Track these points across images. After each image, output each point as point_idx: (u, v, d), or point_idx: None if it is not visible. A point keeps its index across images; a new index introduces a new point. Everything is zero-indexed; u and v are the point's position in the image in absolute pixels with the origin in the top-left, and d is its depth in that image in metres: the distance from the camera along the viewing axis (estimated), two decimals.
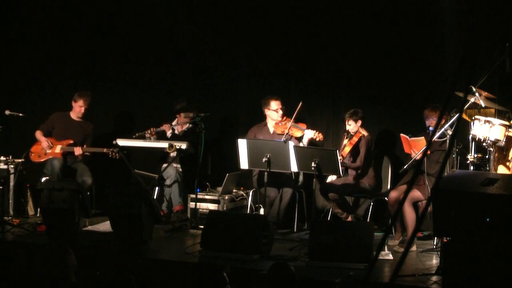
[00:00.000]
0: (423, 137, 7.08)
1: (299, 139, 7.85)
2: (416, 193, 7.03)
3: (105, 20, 9.11)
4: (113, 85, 9.23)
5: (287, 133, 7.70)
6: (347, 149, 7.54)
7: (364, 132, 7.60)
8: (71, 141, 8.24)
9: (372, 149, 7.70)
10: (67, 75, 9.22)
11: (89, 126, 8.45)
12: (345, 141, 7.59)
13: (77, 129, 8.36)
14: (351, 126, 7.58)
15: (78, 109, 8.36)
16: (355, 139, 7.54)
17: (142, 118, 8.94)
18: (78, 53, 9.20)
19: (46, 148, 8.22)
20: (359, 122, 7.58)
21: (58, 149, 8.24)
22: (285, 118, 8.03)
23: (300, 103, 7.64)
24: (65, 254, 4.24)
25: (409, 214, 7.00)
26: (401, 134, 7.27)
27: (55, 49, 9.24)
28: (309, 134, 7.79)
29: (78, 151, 8.12)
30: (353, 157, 7.60)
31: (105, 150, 7.98)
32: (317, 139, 7.76)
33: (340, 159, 7.34)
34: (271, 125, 8.10)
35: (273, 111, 8.00)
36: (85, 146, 8.21)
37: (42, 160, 8.24)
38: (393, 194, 7.19)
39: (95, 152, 8.20)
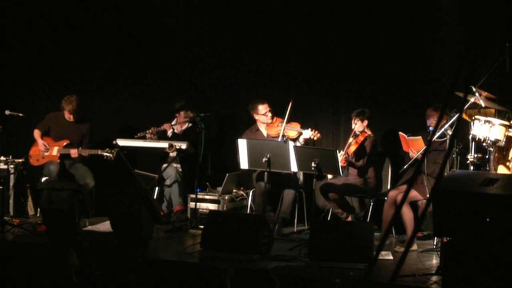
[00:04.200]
0: (420, 137, 7.09)
1: (295, 140, 7.85)
2: (413, 193, 7.04)
3: (104, 20, 9.11)
4: (112, 85, 9.23)
5: (282, 135, 7.69)
6: (353, 148, 7.54)
7: (369, 133, 7.61)
8: (68, 141, 8.22)
9: (377, 150, 7.73)
10: (67, 75, 9.23)
11: (86, 125, 8.39)
12: (351, 140, 7.57)
13: (73, 129, 8.32)
14: (357, 125, 7.58)
15: (67, 116, 8.31)
16: (361, 138, 7.54)
17: (142, 118, 8.93)
18: (78, 53, 9.20)
19: (43, 151, 8.21)
20: (365, 122, 7.59)
21: (55, 151, 8.22)
22: (275, 119, 8.03)
23: (290, 103, 7.66)
24: (67, 254, 4.24)
25: (407, 214, 7.01)
26: (400, 133, 7.28)
27: (55, 49, 9.24)
28: (306, 134, 7.78)
29: (74, 154, 8.10)
30: (357, 156, 7.60)
31: (99, 151, 7.96)
32: (315, 138, 7.76)
33: (343, 157, 7.37)
34: (263, 128, 8.11)
35: (262, 115, 8.02)
36: (80, 148, 8.17)
37: (40, 163, 8.23)
38: (392, 194, 7.19)
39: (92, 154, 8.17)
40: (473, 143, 6.74)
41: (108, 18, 9.11)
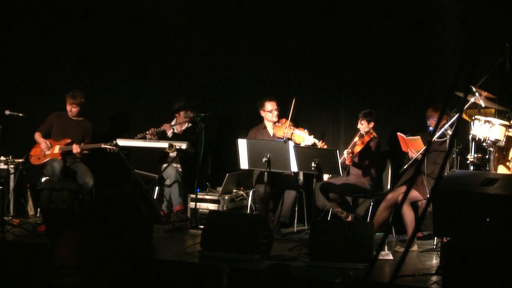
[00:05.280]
0: (419, 137, 7.09)
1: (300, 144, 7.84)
2: (413, 193, 7.04)
3: (105, 21, 9.11)
4: (112, 85, 9.22)
5: (288, 138, 7.69)
6: (358, 148, 7.53)
7: (375, 134, 7.60)
8: (69, 140, 8.23)
9: (380, 151, 7.73)
10: (67, 75, 9.22)
11: (88, 125, 8.42)
12: (356, 139, 7.55)
13: (76, 127, 8.34)
14: (363, 126, 7.57)
15: (69, 110, 8.35)
16: (366, 138, 7.54)
17: (142, 118, 8.94)
18: (78, 53, 9.20)
19: (45, 150, 8.21)
20: (372, 124, 7.59)
21: (56, 149, 8.23)
22: (284, 120, 8.02)
23: (293, 100, 7.65)
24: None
25: (408, 214, 7.00)
26: (398, 133, 7.29)
27: (55, 49, 9.24)
28: (308, 141, 7.76)
29: (76, 149, 8.10)
30: (360, 157, 7.59)
31: (102, 145, 7.96)
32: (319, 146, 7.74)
33: (349, 156, 7.37)
34: (270, 127, 8.11)
35: (268, 112, 8.02)
36: (82, 144, 8.19)
37: (42, 162, 8.23)
38: (390, 196, 7.18)
39: (94, 149, 8.18)
40: (473, 143, 6.74)
41: (108, 18, 9.10)
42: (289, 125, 7.89)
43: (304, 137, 7.81)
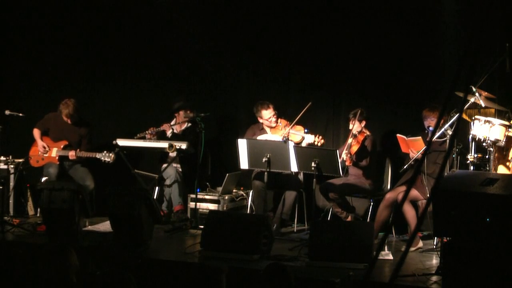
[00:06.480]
0: (420, 137, 7.09)
1: (298, 143, 7.82)
2: (413, 192, 7.04)
3: (105, 21, 9.11)
4: (112, 85, 9.23)
5: (287, 138, 7.68)
6: (355, 148, 7.51)
7: (368, 132, 7.60)
8: (66, 143, 8.22)
9: (376, 149, 7.72)
10: (67, 75, 9.22)
11: (84, 130, 8.32)
12: (351, 140, 7.52)
13: (72, 130, 8.29)
14: (355, 126, 7.55)
15: (66, 120, 8.27)
16: (360, 137, 7.53)
17: (142, 118, 8.93)
18: (78, 54, 9.20)
19: (42, 153, 8.21)
20: (363, 123, 7.58)
21: (54, 152, 8.21)
22: (280, 120, 8.01)
23: (309, 104, 7.62)
24: (67, 254, 4.24)
25: (409, 211, 7.01)
26: (398, 135, 7.29)
27: (55, 49, 9.24)
28: (309, 139, 7.76)
29: (72, 156, 8.09)
30: (358, 156, 7.58)
31: (97, 155, 7.96)
32: (319, 144, 7.73)
33: (348, 156, 7.36)
34: (268, 130, 8.10)
35: (266, 120, 8.01)
36: (78, 150, 8.14)
37: (40, 165, 8.24)
38: (390, 195, 7.18)
39: (93, 147, 8.20)
40: (473, 143, 6.74)
41: (107, 18, 9.10)
42: (285, 125, 7.88)
43: (300, 136, 7.79)
